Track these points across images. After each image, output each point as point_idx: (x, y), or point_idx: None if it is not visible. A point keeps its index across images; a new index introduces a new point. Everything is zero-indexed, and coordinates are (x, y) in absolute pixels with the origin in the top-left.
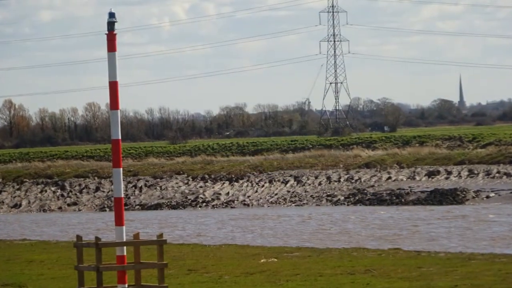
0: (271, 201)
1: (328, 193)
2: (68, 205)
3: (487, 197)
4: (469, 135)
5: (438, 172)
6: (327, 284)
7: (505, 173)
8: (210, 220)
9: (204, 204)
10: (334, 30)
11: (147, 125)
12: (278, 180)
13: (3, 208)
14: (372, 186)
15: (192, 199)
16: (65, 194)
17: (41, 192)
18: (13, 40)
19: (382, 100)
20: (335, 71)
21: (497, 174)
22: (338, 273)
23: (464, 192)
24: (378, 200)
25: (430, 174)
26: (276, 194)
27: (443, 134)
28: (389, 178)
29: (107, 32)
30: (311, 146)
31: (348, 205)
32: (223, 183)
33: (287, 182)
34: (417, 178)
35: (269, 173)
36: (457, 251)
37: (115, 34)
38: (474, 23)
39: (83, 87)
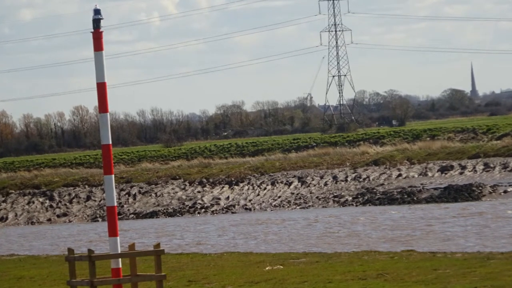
0: (274, 205)
1: (335, 194)
2: (58, 216)
3: (505, 191)
4: (483, 126)
5: (452, 167)
6: None
7: None
8: (210, 227)
9: (203, 210)
10: (335, 19)
11: (139, 128)
12: (281, 182)
13: None
14: (382, 184)
15: (190, 205)
16: (54, 204)
17: (28, 203)
18: None
19: (389, 92)
20: (338, 63)
21: None
22: (349, 278)
23: (480, 188)
24: (388, 199)
25: (443, 170)
26: (279, 197)
27: (456, 126)
28: (400, 175)
29: (92, 30)
30: (314, 144)
31: (356, 205)
32: (223, 187)
33: (290, 184)
34: (429, 174)
35: (271, 174)
36: (474, 251)
37: (102, 32)
38: (484, 7)
39: (69, 90)
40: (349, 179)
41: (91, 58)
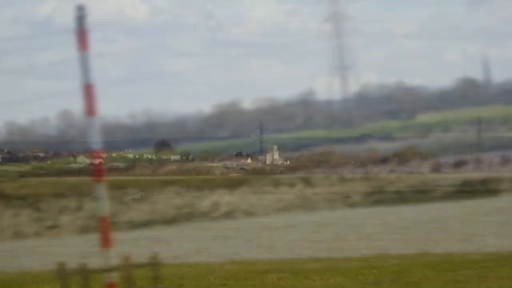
0: (278, 208)
1: (343, 195)
2: (47, 229)
3: None
4: (500, 116)
5: (467, 162)
6: None
7: None
8: (210, 234)
9: (202, 216)
10: (336, 7)
11: (130, 131)
12: (285, 184)
13: None
14: (392, 183)
15: (187, 212)
16: (41, 216)
17: (14, 216)
18: None
19: (397, 84)
20: (341, 54)
21: None
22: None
23: (498, 182)
24: (400, 198)
25: (458, 165)
26: (283, 200)
27: (469, 117)
28: (411, 172)
29: (77, 28)
30: (318, 142)
31: (366, 206)
32: (222, 191)
33: (294, 185)
34: (443, 170)
35: (274, 176)
36: (494, 250)
37: (87, 30)
38: None
39: (54, 93)
40: (357, 178)
41: (76, 58)
